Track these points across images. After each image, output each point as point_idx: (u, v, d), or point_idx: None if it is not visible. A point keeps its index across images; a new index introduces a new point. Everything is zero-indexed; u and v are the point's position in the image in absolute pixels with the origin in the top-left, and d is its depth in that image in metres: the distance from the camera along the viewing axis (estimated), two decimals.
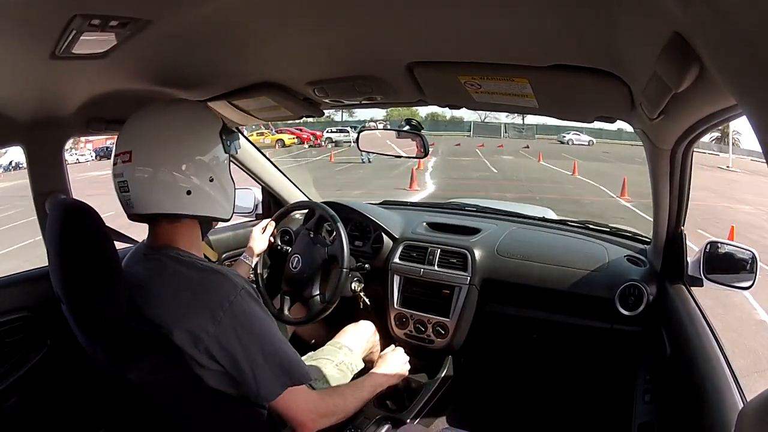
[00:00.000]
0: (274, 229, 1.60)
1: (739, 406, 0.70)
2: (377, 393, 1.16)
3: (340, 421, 0.97)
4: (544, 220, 1.82)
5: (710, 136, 35.25)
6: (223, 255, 1.76)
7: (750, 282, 1.18)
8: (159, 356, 0.81)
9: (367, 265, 1.63)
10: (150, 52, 0.86)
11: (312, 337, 1.66)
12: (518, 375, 1.76)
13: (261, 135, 21.22)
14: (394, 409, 1.50)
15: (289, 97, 1.20)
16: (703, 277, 1.18)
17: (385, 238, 1.69)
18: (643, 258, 1.45)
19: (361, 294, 1.57)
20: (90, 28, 0.66)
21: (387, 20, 0.71)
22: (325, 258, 1.52)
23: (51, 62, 0.78)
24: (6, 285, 1.23)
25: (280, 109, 1.29)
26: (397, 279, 1.64)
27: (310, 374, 0.90)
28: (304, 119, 1.48)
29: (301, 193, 1.94)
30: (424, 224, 1.74)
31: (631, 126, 1.01)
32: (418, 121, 1.49)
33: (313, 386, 1.10)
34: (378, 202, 2.06)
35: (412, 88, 1.04)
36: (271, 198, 1.92)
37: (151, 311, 0.80)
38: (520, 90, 0.92)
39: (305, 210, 1.79)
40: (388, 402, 1.52)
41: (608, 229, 1.67)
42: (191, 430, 0.88)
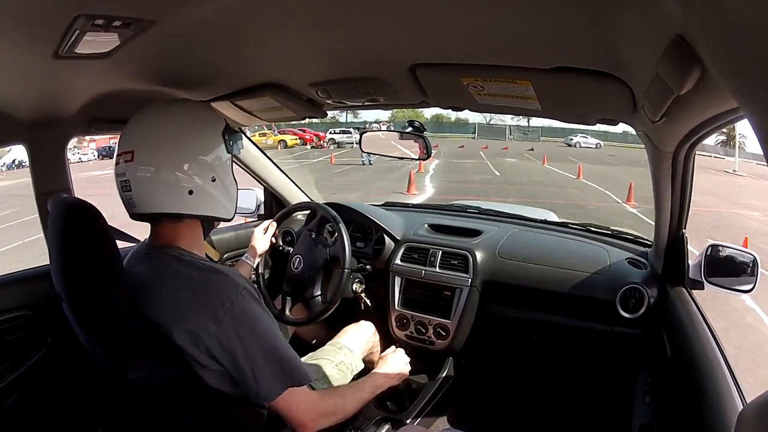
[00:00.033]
0: (276, 229, 1.60)
1: (739, 408, 0.70)
2: (377, 394, 1.16)
3: (340, 421, 0.97)
4: (545, 222, 1.81)
5: (715, 139, 34.49)
6: (225, 255, 1.76)
7: (751, 285, 1.17)
8: (159, 356, 0.81)
9: (368, 266, 1.63)
10: (153, 52, 0.86)
11: (312, 338, 1.66)
12: (519, 377, 1.75)
13: (263, 136, 21.26)
14: (394, 409, 1.50)
15: (291, 98, 1.20)
16: (704, 280, 1.18)
17: (386, 240, 1.69)
18: (644, 261, 1.45)
19: (362, 295, 1.57)
20: (93, 28, 0.67)
21: (390, 22, 0.72)
22: (326, 259, 1.52)
23: (54, 62, 0.79)
24: (7, 283, 1.24)
25: (283, 109, 1.29)
26: (398, 280, 1.64)
27: (310, 375, 0.90)
28: (309, 120, 1.48)
29: (303, 194, 1.94)
30: (426, 226, 1.74)
31: (633, 128, 1.01)
32: (420, 122, 1.49)
33: (313, 386, 1.10)
34: (380, 203, 2.07)
35: (414, 90, 1.04)
36: (273, 199, 1.92)
37: (152, 311, 0.80)
38: (523, 92, 0.92)
39: (307, 211, 1.79)
40: (389, 403, 1.53)
41: (609, 232, 1.67)
42: (191, 429, 0.88)
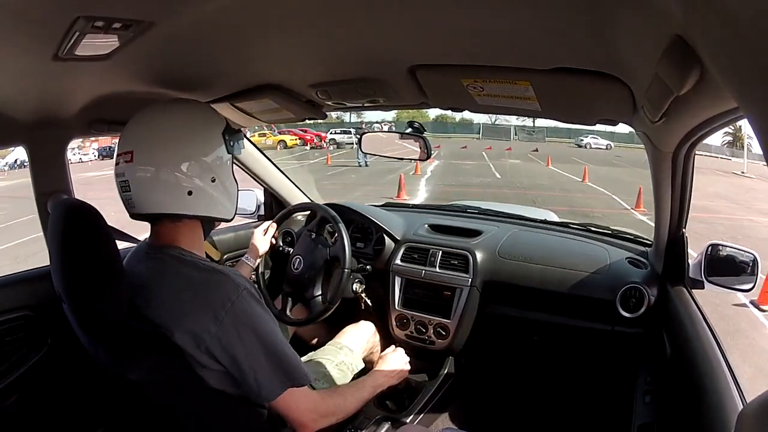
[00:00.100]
0: (276, 230, 1.60)
1: (739, 407, 0.70)
2: (377, 393, 1.16)
3: (340, 421, 0.98)
4: (545, 222, 1.81)
5: (722, 140, 34.16)
6: (225, 256, 1.77)
7: (751, 285, 1.17)
8: (160, 356, 0.81)
9: (368, 266, 1.63)
10: (153, 54, 0.86)
11: (313, 338, 1.66)
12: (519, 376, 1.75)
13: (263, 136, 21.25)
14: (394, 409, 1.50)
15: (291, 100, 1.20)
16: (704, 280, 1.18)
17: (386, 240, 1.69)
18: (645, 260, 1.45)
19: (363, 295, 1.57)
20: (93, 30, 0.67)
21: (390, 23, 0.72)
22: (326, 259, 1.52)
23: (54, 63, 0.79)
24: (7, 284, 1.24)
25: (283, 111, 1.29)
26: (398, 280, 1.64)
27: (310, 376, 0.90)
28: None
29: (303, 194, 1.94)
30: (426, 226, 1.74)
31: (632, 128, 1.01)
32: (420, 123, 1.49)
33: (313, 386, 1.10)
34: (380, 204, 2.07)
35: (414, 91, 1.04)
36: (273, 199, 1.92)
37: (152, 311, 0.81)
38: (523, 93, 0.92)
39: (307, 211, 1.79)
40: (389, 402, 1.53)
41: (609, 232, 1.67)
42: (192, 429, 0.88)
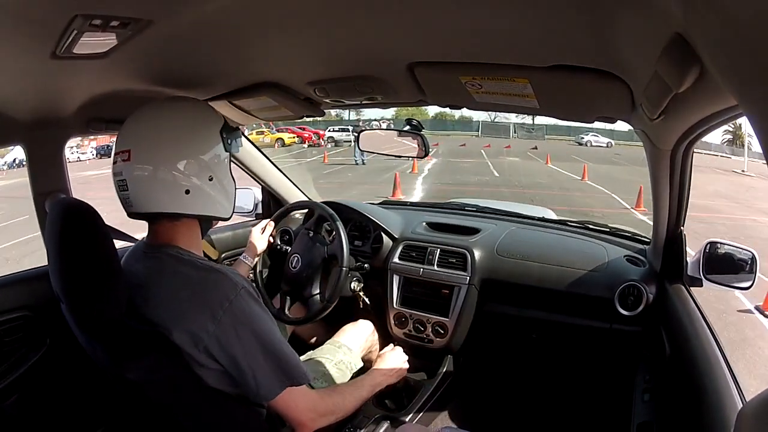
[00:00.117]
0: (274, 229, 1.60)
1: (738, 406, 0.70)
2: (376, 392, 1.16)
3: (339, 420, 0.98)
4: (543, 220, 1.82)
5: (722, 138, 33.86)
6: (223, 255, 1.76)
7: (749, 282, 1.17)
8: (159, 355, 0.81)
9: (366, 264, 1.63)
10: (151, 52, 0.86)
11: (311, 337, 1.66)
12: (517, 375, 1.76)
13: (260, 134, 21.21)
14: (393, 408, 1.50)
15: (289, 97, 1.20)
16: (702, 278, 1.18)
17: (384, 238, 1.69)
18: (643, 258, 1.45)
19: (361, 293, 1.57)
20: (91, 29, 0.66)
21: (388, 20, 0.71)
22: (324, 257, 1.52)
23: (52, 62, 0.78)
24: (6, 284, 1.23)
25: (281, 108, 1.29)
26: (396, 279, 1.64)
27: (309, 375, 0.90)
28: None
29: (301, 192, 1.94)
30: (424, 224, 1.74)
31: (631, 126, 1.01)
32: (418, 120, 1.49)
33: (312, 385, 1.10)
34: (378, 202, 2.07)
35: (412, 89, 1.04)
36: (271, 198, 1.92)
37: (150, 310, 0.80)
38: (521, 90, 0.92)
39: (305, 210, 1.79)
40: (387, 401, 1.53)
41: (608, 229, 1.67)
42: (191, 429, 0.88)
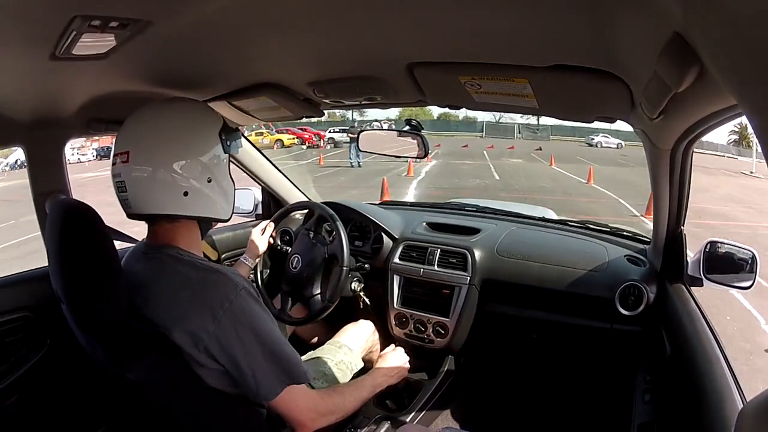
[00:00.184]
0: (274, 229, 1.60)
1: (739, 406, 0.70)
2: (377, 392, 1.16)
3: (340, 420, 0.98)
4: (543, 220, 1.82)
5: (728, 138, 33.54)
6: (223, 255, 1.76)
7: (750, 282, 1.17)
8: (159, 355, 0.81)
9: (367, 265, 1.63)
10: (150, 53, 0.86)
11: (312, 337, 1.66)
12: (518, 375, 1.76)
13: (260, 135, 21.19)
14: (393, 408, 1.50)
15: (289, 98, 1.20)
16: (703, 277, 1.18)
17: (385, 238, 1.69)
18: (643, 258, 1.45)
19: (361, 294, 1.57)
20: (90, 29, 0.66)
21: (387, 21, 0.71)
22: (325, 257, 1.52)
23: (51, 63, 0.78)
24: (6, 285, 1.24)
25: (281, 109, 1.29)
26: (397, 279, 1.64)
27: (310, 374, 0.90)
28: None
29: (301, 193, 1.94)
30: (424, 224, 1.74)
31: (631, 126, 1.01)
32: (418, 121, 1.49)
33: (312, 385, 1.10)
34: (378, 202, 2.07)
35: (412, 89, 1.04)
36: (271, 198, 1.92)
37: (150, 311, 0.80)
38: (520, 90, 0.92)
39: (305, 210, 1.79)
40: (388, 401, 1.53)
41: (608, 229, 1.67)
42: (191, 429, 0.88)
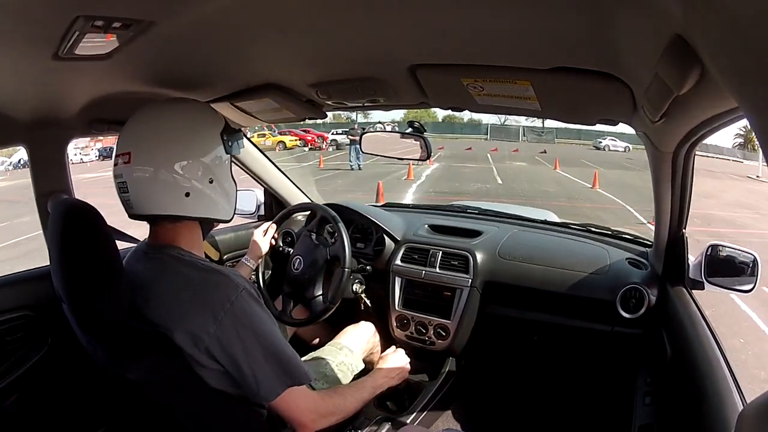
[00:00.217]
0: (276, 230, 1.60)
1: (739, 408, 0.70)
2: (378, 394, 1.16)
3: (340, 421, 0.97)
4: (545, 222, 1.81)
5: (733, 141, 33.45)
6: (225, 256, 1.76)
7: (751, 285, 1.17)
8: (159, 356, 0.81)
9: (368, 266, 1.63)
10: (152, 53, 0.86)
11: (313, 338, 1.66)
12: (519, 377, 1.75)
13: (262, 137, 21.21)
14: (394, 410, 1.50)
15: (291, 99, 1.20)
16: (704, 280, 1.18)
17: (386, 240, 1.69)
18: (645, 261, 1.44)
19: (363, 295, 1.57)
20: (93, 30, 0.66)
21: (389, 22, 0.72)
22: (326, 259, 1.52)
23: (54, 63, 0.79)
24: (7, 284, 1.24)
25: (283, 110, 1.29)
26: (398, 281, 1.64)
27: (310, 375, 0.90)
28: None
29: (303, 194, 1.94)
30: (426, 226, 1.74)
31: (633, 129, 1.01)
32: (420, 123, 1.49)
33: (313, 386, 1.10)
34: (380, 204, 2.07)
35: (414, 91, 1.04)
36: (273, 200, 1.92)
37: (151, 311, 0.80)
38: (523, 92, 0.92)
39: (307, 211, 1.79)
40: (389, 403, 1.53)
41: (609, 232, 1.67)
42: (191, 429, 0.88)
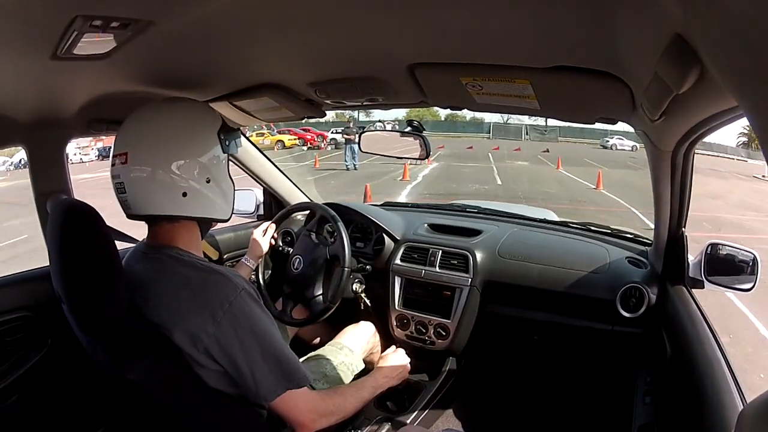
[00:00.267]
0: (275, 230, 1.60)
1: (739, 407, 0.70)
2: (378, 394, 1.16)
3: (340, 421, 0.97)
4: (545, 221, 1.81)
5: (737, 140, 33.23)
6: (225, 256, 1.76)
7: (751, 284, 1.17)
8: (159, 356, 0.81)
9: (368, 266, 1.63)
10: (151, 53, 0.86)
11: (313, 338, 1.66)
12: (519, 376, 1.76)
13: (261, 136, 21.19)
14: (394, 410, 1.50)
15: (290, 98, 1.20)
16: (704, 279, 1.18)
17: (386, 240, 1.69)
18: (644, 260, 1.44)
19: (363, 295, 1.57)
20: (91, 29, 0.66)
21: (388, 21, 0.71)
22: (326, 258, 1.52)
23: (52, 63, 0.78)
24: (7, 284, 1.24)
25: (282, 110, 1.29)
26: (398, 280, 1.64)
27: (309, 377, 0.90)
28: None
29: (303, 194, 1.94)
30: (426, 226, 1.74)
31: (632, 127, 1.01)
32: (419, 121, 1.49)
33: (313, 386, 1.10)
34: (380, 203, 2.07)
35: (413, 90, 1.04)
36: (272, 199, 1.92)
37: (150, 311, 0.80)
38: (522, 91, 0.92)
39: (306, 211, 1.79)
40: (389, 403, 1.53)
41: (609, 231, 1.67)
42: (191, 429, 0.88)
